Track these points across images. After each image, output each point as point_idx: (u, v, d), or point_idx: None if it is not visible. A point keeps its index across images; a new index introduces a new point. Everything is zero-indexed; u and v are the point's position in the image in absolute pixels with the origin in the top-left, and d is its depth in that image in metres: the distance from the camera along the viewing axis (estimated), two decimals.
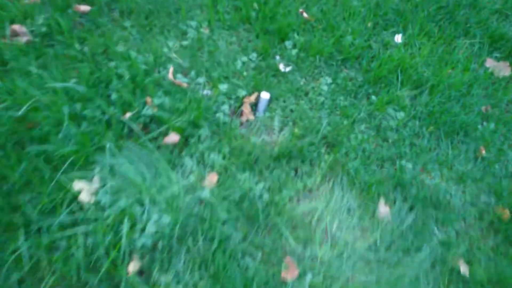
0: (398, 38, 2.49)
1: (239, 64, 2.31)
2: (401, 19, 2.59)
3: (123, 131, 1.96)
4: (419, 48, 2.44)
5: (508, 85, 2.39)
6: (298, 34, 2.46)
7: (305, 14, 2.57)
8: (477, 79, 2.34)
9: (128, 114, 2.00)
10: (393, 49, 2.42)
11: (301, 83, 2.28)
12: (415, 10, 2.65)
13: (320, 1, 2.64)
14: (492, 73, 2.39)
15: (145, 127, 2.03)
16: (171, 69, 2.21)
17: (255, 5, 2.54)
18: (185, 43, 2.36)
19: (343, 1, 2.64)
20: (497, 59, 2.50)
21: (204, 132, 1.99)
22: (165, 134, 1.99)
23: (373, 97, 2.23)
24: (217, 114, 2.08)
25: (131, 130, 1.97)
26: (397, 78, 2.26)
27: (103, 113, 1.97)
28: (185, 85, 2.17)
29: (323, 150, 2.01)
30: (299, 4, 2.63)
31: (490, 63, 2.48)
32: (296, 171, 1.94)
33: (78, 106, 1.95)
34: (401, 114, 2.17)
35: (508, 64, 2.45)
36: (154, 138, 1.97)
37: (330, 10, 2.59)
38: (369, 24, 2.55)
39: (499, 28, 2.61)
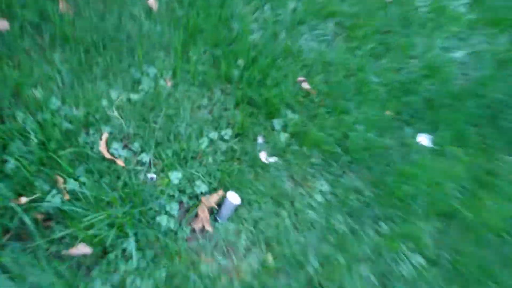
0: (424, 139, 2.15)
1: (205, 142, 1.93)
2: (431, 114, 2.26)
3: (11, 223, 1.51)
4: (452, 161, 2.10)
5: None
6: (293, 112, 2.11)
7: (305, 84, 2.23)
8: None
9: (23, 199, 1.56)
10: (416, 156, 2.08)
11: (287, 184, 1.91)
12: (451, 104, 2.33)
13: (328, 69, 2.30)
14: None
15: (47, 220, 1.59)
16: (105, 135, 1.79)
17: (240, 61, 2.18)
18: (135, 96, 1.99)
19: (357, 73, 2.31)
20: None
21: (132, 244, 1.56)
22: (74, 238, 1.54)
23: (383, 225, 1.89)
24: (159, 217, 1.66)
25: (23, 224, 1.52)
26: (418, 203, 1.90)
27: None
28: (121, 163, 1.75)
29: None
30: (299, 68, 2.28)
31: None
32: None
33: None
34: (418, 259, 1.81)
35: None
36: (56, 241, 1.52)
37: (339, 83, 2.27)
38: (389, 113, 2.22)
39: None
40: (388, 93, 2.34)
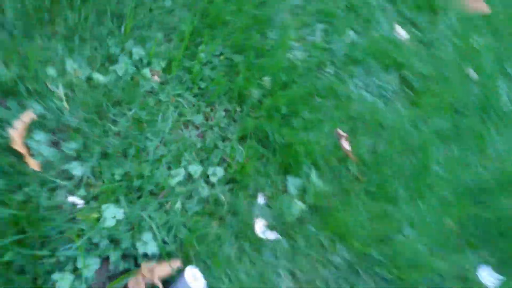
0: (488, 278, 1.55)
1: (180, 175, 1.34)
2: (503, 243, 1.70)
3: None
4: None
5: None
6: (319, 174, 1.52)
7: (344, 142, 1.62)
8: None
9: None
10: None
11: (284, 282, 1.31)
12: None
13: (380, 133, 1.71)
14: None
15: None
16: (28, 116, 1.16)
17: (266, 80, 1.57)
18: (99, 77, 1.44)
19: (417, 153, 1.73)
20: None
21: None
22: None
23: None
24: (59, 274, 1.00)
25: None
26: None
27: None
28: (35, 164, 1.11)
29: None
30: (342, 117, 1.67)
31: None
32: None
33: None
34: None
35: None
36: None
37: (391, 158, 1.69)
38: (449, 223, 1.61)
39: None
40: (454, 195, 1.73)
